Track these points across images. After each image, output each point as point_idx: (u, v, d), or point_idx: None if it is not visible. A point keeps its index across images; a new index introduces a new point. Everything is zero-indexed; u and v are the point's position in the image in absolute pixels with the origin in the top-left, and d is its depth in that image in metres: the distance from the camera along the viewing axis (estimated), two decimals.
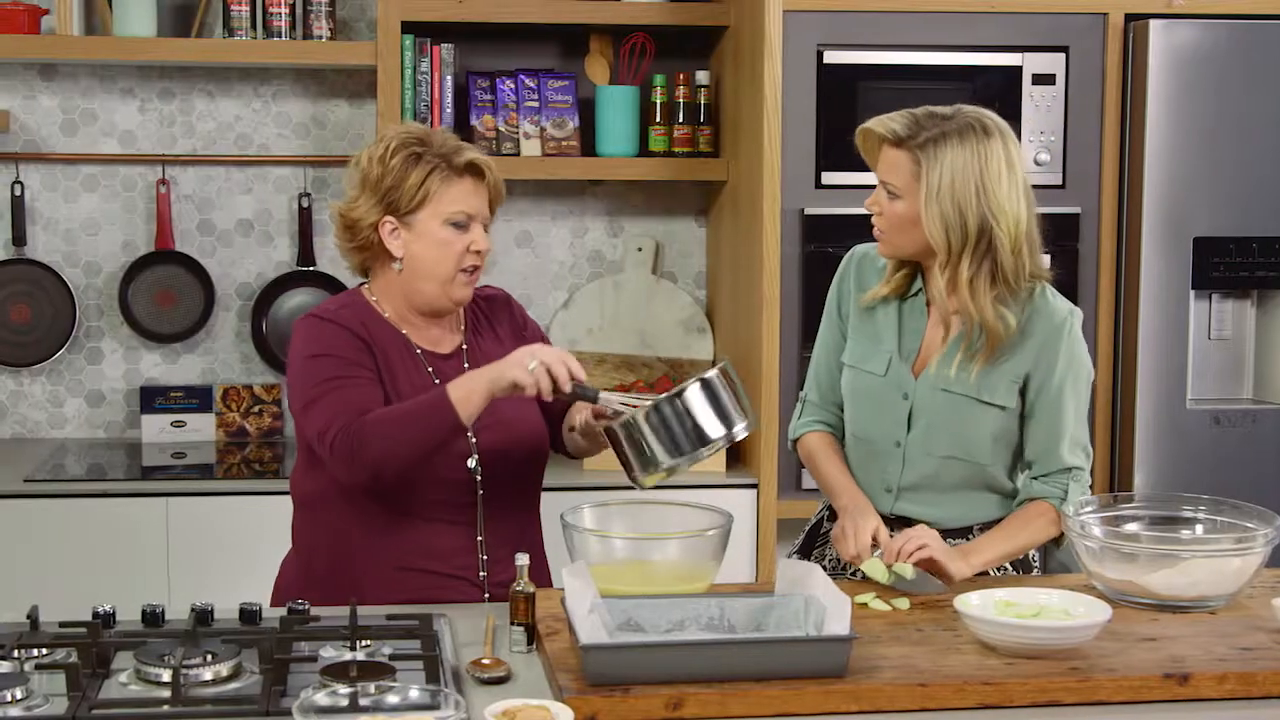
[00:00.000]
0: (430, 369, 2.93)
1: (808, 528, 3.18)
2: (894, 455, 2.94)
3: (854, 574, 2.92)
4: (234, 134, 4.57)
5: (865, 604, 2.72)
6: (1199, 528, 2.84)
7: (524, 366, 2.72)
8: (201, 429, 4.55)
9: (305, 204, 4.56)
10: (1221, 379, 4.22)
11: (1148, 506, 2.91)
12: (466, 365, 2.95)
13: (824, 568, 2.97)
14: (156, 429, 4.53)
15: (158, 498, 4.04)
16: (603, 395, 2.78)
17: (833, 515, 3.04)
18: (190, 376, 4.61)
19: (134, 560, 3.98)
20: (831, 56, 4.05)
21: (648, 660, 2.31)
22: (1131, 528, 2.83)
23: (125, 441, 4.55)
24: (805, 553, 3.14)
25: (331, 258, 4.60)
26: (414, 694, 2.27)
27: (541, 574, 2.98)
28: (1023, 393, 2.89)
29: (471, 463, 2.89)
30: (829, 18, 4.04)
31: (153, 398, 4.53)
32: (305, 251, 4.57)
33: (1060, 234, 4.12)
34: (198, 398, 4.55)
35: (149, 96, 4.53)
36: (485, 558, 2.92)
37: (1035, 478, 2.92)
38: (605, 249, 4.71)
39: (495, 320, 3.06)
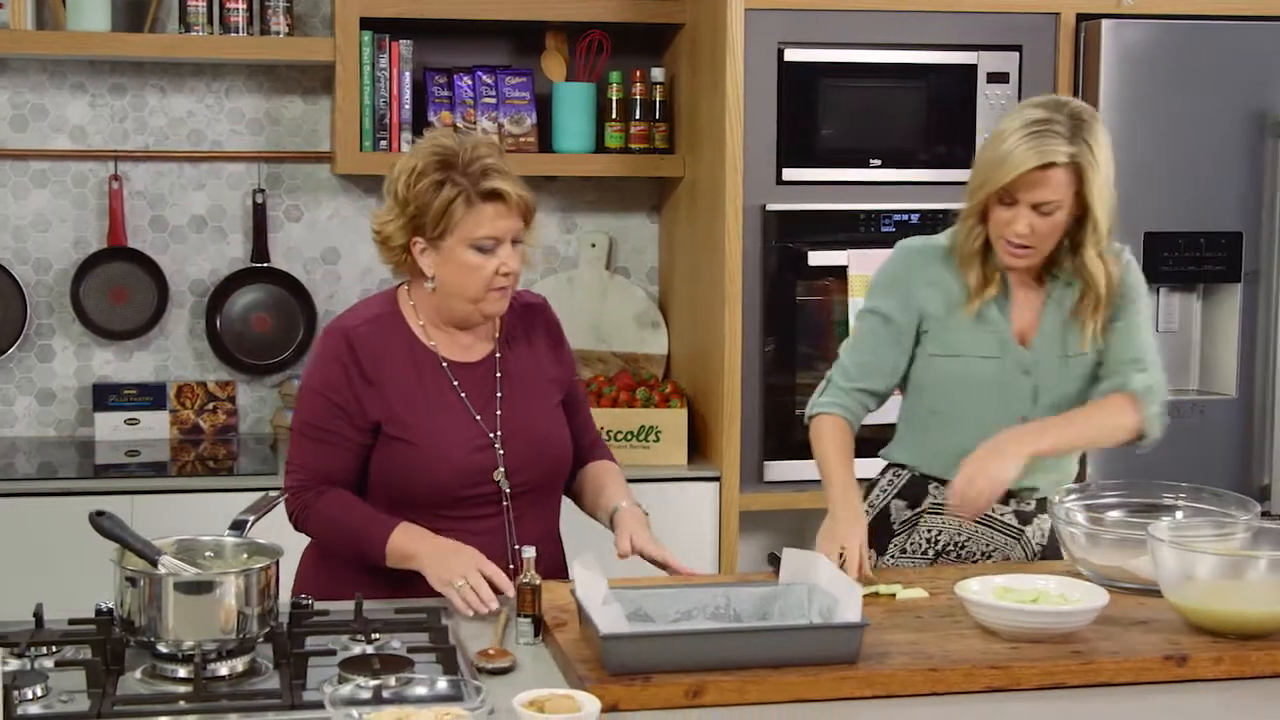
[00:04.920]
0: (456, 382, 2.93)
1: (873, 517, 3.11)
2: None
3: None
4: (186, 130, 4.55)
5: (877, 593, 2.78)
6: (1179, 514, 2.92)
7: (451, 585, 2.72)
8: (155, 426, 4.53)
9: (260, 200, 4.54)
10: (1170, 371, 4.28)
11: (1129, 494, 2.99)
12: (499, 374, 2.96)
13: (924, 546, 3.08)
14: (110, 427, 4.49)
15: (123, 495, 4.00)
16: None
17: (912, 503, 3.11)
18: (143, 374, 4.58)
19: (90, 559, 3.92)
20: (792, 54, 4.10)
21: (667, 649, 2.35)
22: (1114, 515, 2.91)
23: (77, 440, 4.52)
24: (883, 540, 3.13)
25: (286, 254, 4.60)
26: (437, 686, 2.29)
27: (559, 568, 2.99)
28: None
29: (498, 475, 2.91)
30: (790, 16, 4.09)
31: (106, 395, 4.50)
32: (260, 248, 4.55)
33: None
34: (151, 395, 4.52)
35: (100, 92, 4.49)
36: (513, 566, 2.89)
37: (1108, 377, 3.03)
38: (559, 245, 4.73)
39: (532, 329, 3.04)
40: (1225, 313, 4.27)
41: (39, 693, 2.27)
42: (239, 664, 2.42)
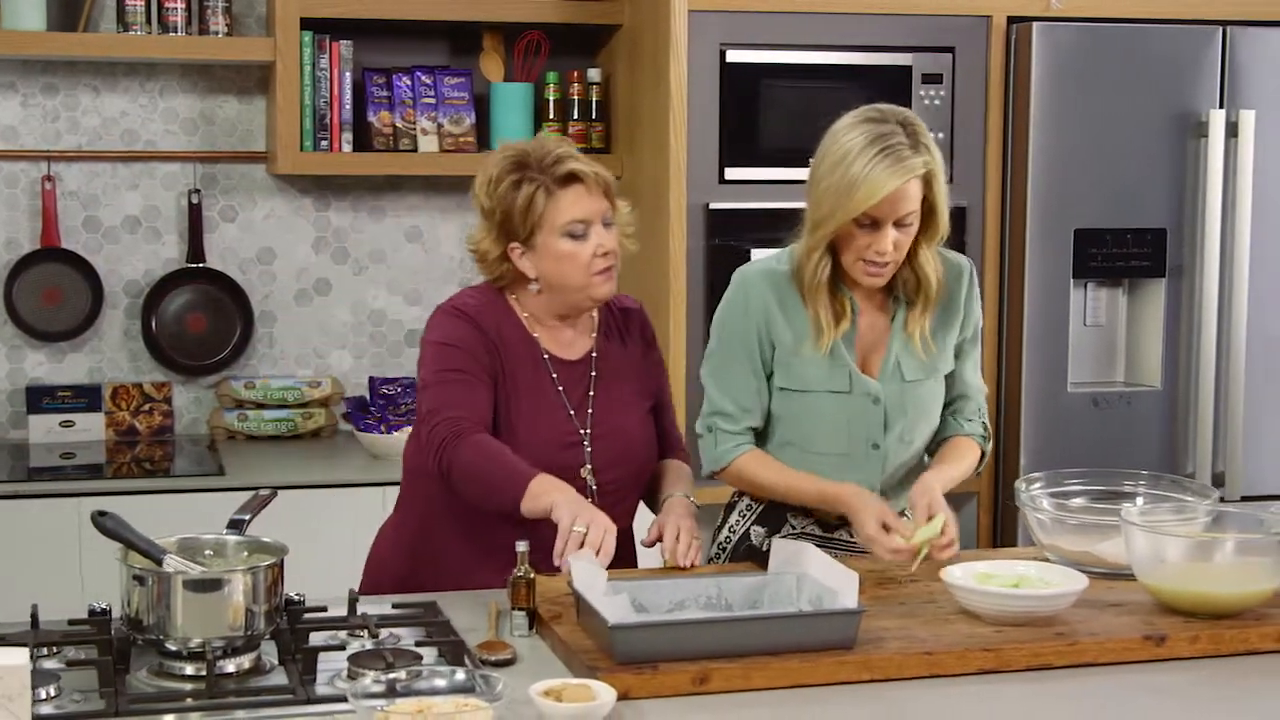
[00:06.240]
0: (555, 374, 2.96)
1: (730, 543, 3.13)
2: (873, 457, 3.00)
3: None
4: (120, 129, 4.52)
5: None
6: (1139, 500, 3.02)
7: (573, 520, 2.68)
8: (90, 429, 4.50)
9: (195, 200, 4.52)
10: (1097, 363, 4.46)
11: (1091, 482, 3.08)
12: (594, 373, 2.99)
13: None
14: (44, 429, 4.46)
15: (60, 498, 3.98)
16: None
17: (771, 530, 3.07)
18: (77, 375, 4.54)
19: (28, 562, 3.91)
20: (734, 55, 4.17)
21: (674, 638, 2.40)
22: (1078, 501, 3.01)
23: (10, 443, 4.47)
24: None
25: (221, 254, 4.59)
26: (448, 678, 2.31)
27: (629, 560, 3.04)
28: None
29: (585, 472, 2.95)
30: (731, 17, 4.16)
31: (40, 397, 4.46)
32: (195, 248, 4.54)
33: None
34: (86, 397, 4.49)
35: (32, 91, 4.45)
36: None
37: (954, 416, 3.08)
38: None
39: (627, 331, 3.08)
40: (1150, 306, 4.40)
41: (52, 693, 2.28)
42: (245, 661, 2.43)
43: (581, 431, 2.96)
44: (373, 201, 4.68)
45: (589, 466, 2.95)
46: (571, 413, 2.96)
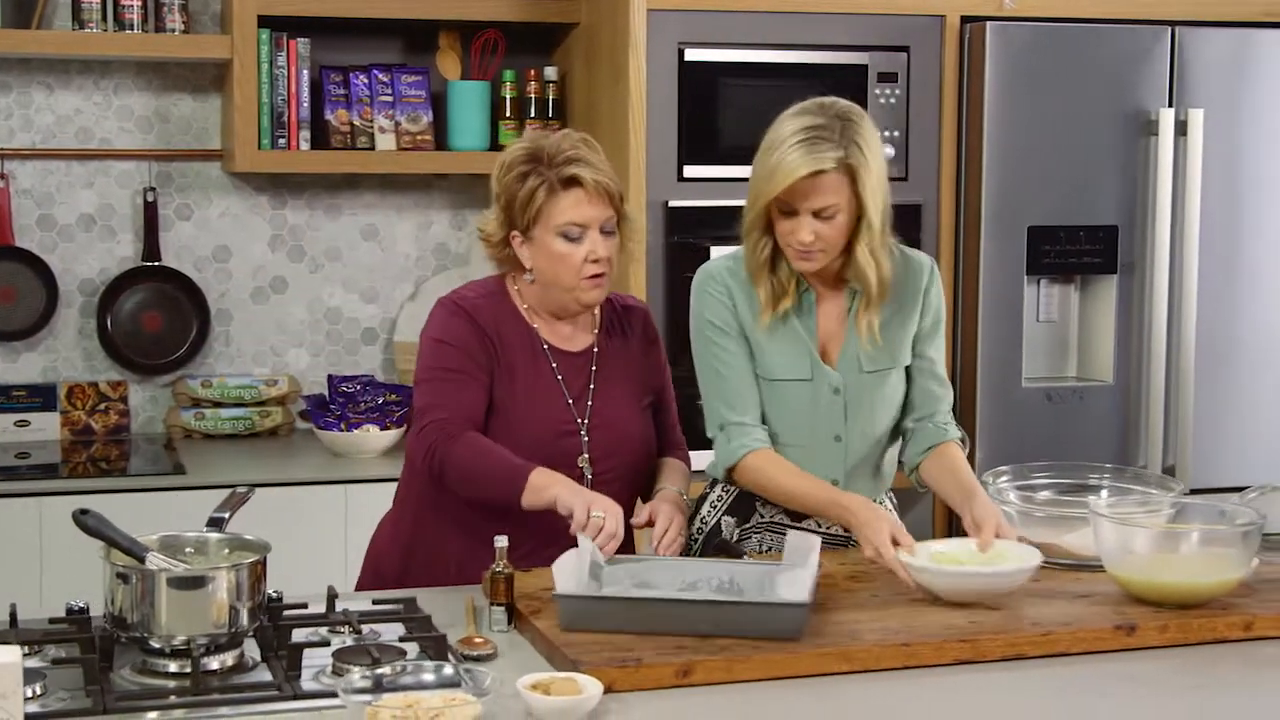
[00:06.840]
0: (554, 364, 2.99)
1: (703, 534, 3.13)
2: (835, 449, 3.03)
3: None
4: (74, 127, 4.49)
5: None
6: (1104, 493, 3.07)
7: (588, 508, 2.74)
8: (46, 428, 4.47)
9: (150, 199, 4.51)
10: (1050, 358, 4.52)
11: (1057, 475, 3.13)
12: (594, 367, 3.03)
13: None
14: None
15: (16, 498, 3.96)
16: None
17: (741, 520, 3.09)
18: (31, 375, 4.51)
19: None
20: (692, 54, 4.19)
21: (614, 613, 2.49)
22: (1044, 494, 3.06)
23: None
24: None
25: (177, 252, 4.57)
26: (435, 673, 2.32)
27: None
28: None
29: (581, 461, 2.98)
30: (689, 16, 4.18)
31: None
32: (150, 246, 4.52)
33: (902, 224, 4.24)
34: (41, 396, 4.47)
35: None
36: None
37: (933, 422, 3.08)
38: (450, 242, 4.77)
39: (629, 328, 3.11)
40: (1102, 302, 4.47)
41: (37, 691, 2.27)
42: (228, 658, 2.43)
43: (579, 421, 2.99)
44: (329, 199, 4.68)
45: (586, 456, 2.98)
46: (570, 402, 3.00)
